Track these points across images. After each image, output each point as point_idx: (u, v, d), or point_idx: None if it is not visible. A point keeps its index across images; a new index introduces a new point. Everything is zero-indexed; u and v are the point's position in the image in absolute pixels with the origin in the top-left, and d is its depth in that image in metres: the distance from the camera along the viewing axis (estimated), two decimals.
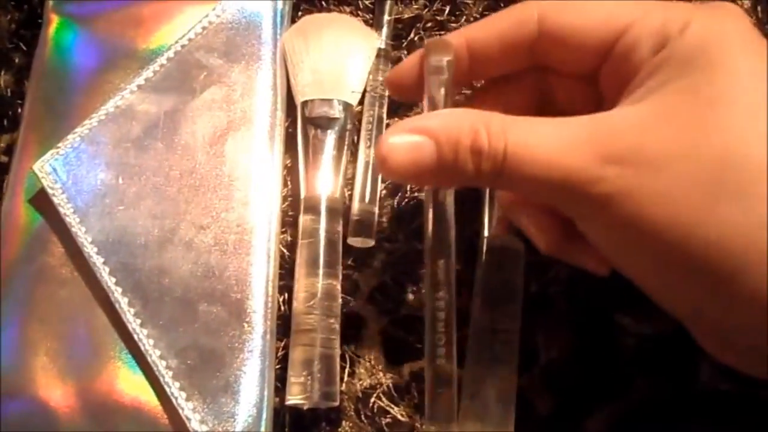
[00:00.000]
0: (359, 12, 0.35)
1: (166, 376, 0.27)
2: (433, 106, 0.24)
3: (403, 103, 0.33)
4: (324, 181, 0.31)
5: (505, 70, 0.26)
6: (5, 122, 0.35)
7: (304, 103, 0.32)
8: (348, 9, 0.35)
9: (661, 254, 0.20)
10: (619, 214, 0.20)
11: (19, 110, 0.34)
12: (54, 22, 0.35)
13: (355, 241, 0.31)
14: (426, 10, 0.34)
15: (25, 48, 0.36)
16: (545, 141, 0.20)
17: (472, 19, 0.34)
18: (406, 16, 0.34)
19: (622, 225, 0.20)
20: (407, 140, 0.21)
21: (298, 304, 0.29)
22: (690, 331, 0.23)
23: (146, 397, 0.28)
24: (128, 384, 0.28)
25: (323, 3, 0.35)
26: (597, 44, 0.23)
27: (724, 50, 0.20)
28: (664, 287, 0.22)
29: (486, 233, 0.29)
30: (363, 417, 0.29)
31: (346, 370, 0.29)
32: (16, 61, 0.36)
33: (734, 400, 0.27)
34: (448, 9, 0.34)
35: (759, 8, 0.33)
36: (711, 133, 0.19)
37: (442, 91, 0.24)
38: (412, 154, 0.21)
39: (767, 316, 0.19)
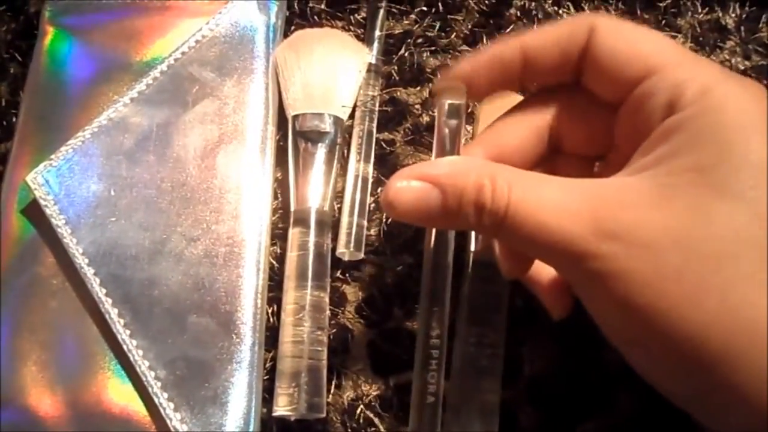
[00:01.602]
0: (351, 27, 0.35)
1: (155, 387, 0.28)
2: (442, 148, 0.25)
3: (393, 117, 0.33)
4: (314, 194, 0.31)
5: (555, 78, 0.25)
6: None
7: (295, 117, 0.32)
8: (340, 24, 0.35)
9: (648, 339, 0.20)
10: (610, 293, 0.20)
11: (14, 120, 0.35)
12: (49, 33, 0.35)
13: (344, 254, 0.31)
14: (417, 25, 0.35)
15: (20, 59, 0.37)
16: (547, 204, 0.20)
17: (462, 35, 0.34)
18: (396, 31, 0.35)
19: (613, 304, 0.20)
20: (414, 186, 0.22)
21: (286, 316, 0.29)
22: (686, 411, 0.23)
23: (135, 407, 0.28)
24: (117, 394, 0.28)
25: (315, 18, 0.36)
26: (622, 80, 0.22)
27: (738, 131, 0.20)
28: (651, 370, 0.22)
29: (473, 247, 0.30)
30: (349, 428, 0.29)
31: (333, 382, 0.30)
32: (11, 71, 0.37)
33: None
34: (438, 25, 0.35)
35: (742, 28, 0.33)
36: (710, 224, 0.19)
37: (447, 134, 0.25)
38: (418, 200, 0.21)
39: (750, 408, 0.19)
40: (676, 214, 0.19)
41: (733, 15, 0.34)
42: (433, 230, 0.25)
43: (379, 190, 0.32)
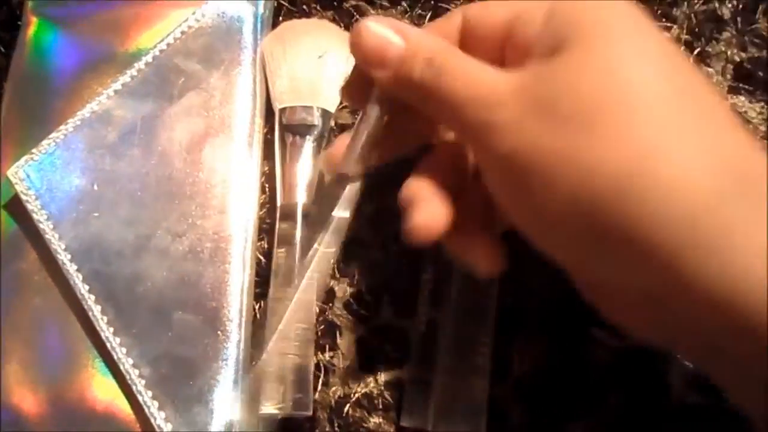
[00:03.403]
0: (340, 17, 0.34)
1: (139, 385, 0.27)
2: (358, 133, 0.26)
3: None
4: (301, 188, 0.30)
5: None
6: None
7: (282, 110, 0.31)
8: (329, 13, 0.35)
9: (533, 189, 0.21)
10: (507, 142, 0.21)
11: None
12: (33, 23, 0.35)
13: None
14: (406, 15, 0.34)
15: (3, 50, 0.36)
16: (477, 71, 0.23)
17: None
18: None
19: (508, 155, 0.21)
20: (384, 31, 0.24)
21: (272, 313, 0.29)
22: (578, 286, 0.23)
23: (119, 405, 0.28)
24: (101, 392, 0.28)
25: (305, 8, 0.35)
26: (497, 33, 0.24)
27: (606, 12, 0.22)
28: (540, 231, 0.22)
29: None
30: (337, 426, 0.29)
31: (321, 379, 0.29)
32: None
33: (704, 413, 0.27)
34: (429, 15, 0.34)
35: (738, 19, 0.32)
36: (592, 75, 0.21)
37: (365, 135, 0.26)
38: (383, 43, 0.24)
39: (628, 250, 0.20)
40: (569, 74, 0.21)
41: (730, 6, 0.33)
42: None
43: None
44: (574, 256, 0.22)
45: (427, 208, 0.24)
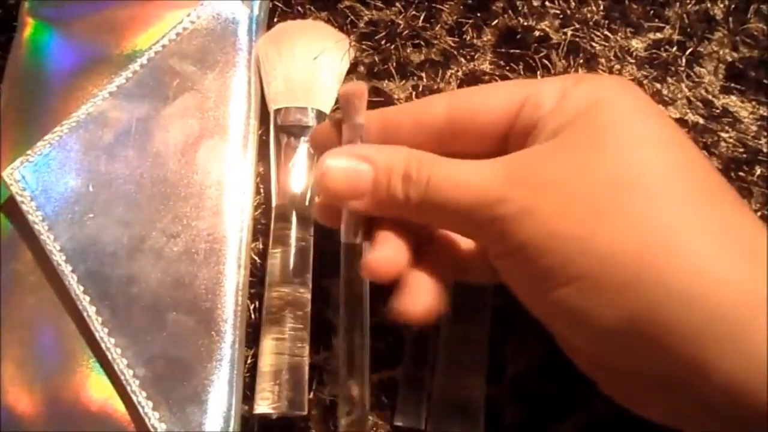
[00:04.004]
0: (335, 18, 0.35)
1: (134, 385, 0.27)
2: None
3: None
4: (296, 189, 0.31)
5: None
6: None
7: (277, 111, 0.32)
8: (324, 14, 0.35)
9: (552, 273, 0.21)
10: (521, 233, 0.21)
11: None
12: (29, 25, 0.35)
13: None
14: (401, 16, 0.34)
15: None
16: (464, 170, 0.23)
17: (446, 27, 0.34)
18: (380, 21, 0.34)
19: (524, 244, 0.21)
20: (346, 163, 0.24)
21: (268, 313, 0.29)
22: (586, 371, 0.23)
23: (113, 405, 0.28)
24: (96, 392, 0.28)
25: (299, 9, 0.35)
26: (502, 117, 0.24)
27: (611, 96, 0.22)
28: (561, 315, 0.22)
29: None
30: (331, 425, 0.29)
31: (315, 379, 0.29)
32: None
33: None
34: (423, 15, 0.34)
35: (730, 19, 0.33)
36: (603, 158, 0.21)
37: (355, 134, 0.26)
38: (351, 175, 0.23)
39: (641, 330, 0.20)
40: (578, 153, 0.21)
41: (722, 6, 0.33)
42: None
43: None
44: (589, 343, 0.22)
45: (382, 249, 0.24)
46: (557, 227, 0.21)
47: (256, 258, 0.31)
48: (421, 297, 0.24)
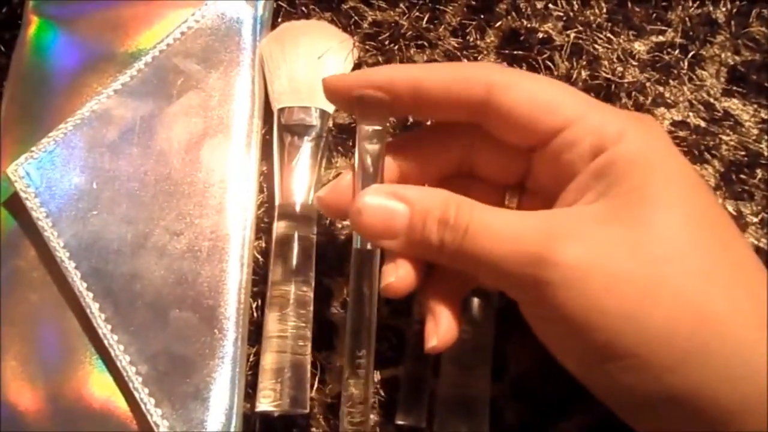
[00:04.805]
0: (338, 18, 0.35)
1: (136, 382, 0.27)
2: (364, 171, 0.25)
3: None
4: (299, 188, 0.31)
5: (445, 118, 0.27)
6: None
7: (281, 110, 0.32)
8: (328, 15, 0.35)
9: (596, 344, 0.21)
10: (567, 305, 0.21)
11: None
12: (34, 23, 0.35)
13: None
14: (405, 17, 0.34)
15: (3, 49, 0.36)
16: (505, 222, 0.22)
17: (450, 28, 0.34)
18: (384, 23, 0.34)
19: (568, 317, 0.21)
20: (383, 203, 0.23)
21: (270, 311, 0.29)
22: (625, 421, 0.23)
23: (116, 402, 0.28)
24: (98, 389, 0.28)
25: (303, 9, 0.35)
26: (537, 132, 0.24)
27: (657, 158, 0.23)
28: (597, 378, 0.23)
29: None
30: (333, 424, 0.29)
31: (317, 378, 0.29)
32: None
33: None
34: (426, 16, 0.34)
35: (732, 23, 0.33)
36: (653, 229, 0.21)
37: (369, 159, 0.25)
38: (386, 215, 0.23)
39: (690, 407, 0.21)
40: (624, 227, 0.21)
41: (724, 9, 0.33)
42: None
43: None
44: (627, 410, 0.23)
45: (395, 270, 0.24)
46: (607, 303, 0.21)
47: (259, 256, 0.31)
48: (443, 322, 0.25)
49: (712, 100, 0.32)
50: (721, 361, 0.20)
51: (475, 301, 0.28)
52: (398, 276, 0.24)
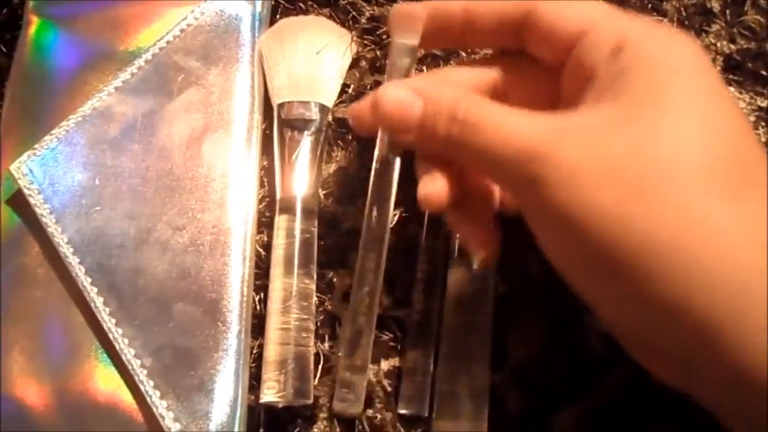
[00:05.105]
0: (336, 14, 0.35)
1: (141, 375, 0.28)
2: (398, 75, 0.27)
3: None
4: (300, 181, 0.31)
5: (494, 42, 0.28)
6: None
7: (281, 105, 0.32)
8: (326, 11, 0.35)
9: (587, 244, 0.21)
10: (563, 201, 0.21)
11: None
12: (34, 23, 0.35)
13: None
14: None
15: (4, 50, 0.36)
16: (511, 118, 0.23)
17: None
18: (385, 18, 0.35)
19: (553, 210, 0.21)
20: (401, 94, 0.25)
21: (273, 304, 0.29)
22: (615, 337, 0.23)
23: (121, 395, 0.28)
24: (104, 382, 0.28)
25: (301, 5, 0.35)
26: (563, 39, 0.24)
27: (682, 66, 0.22)
28: (588, 285, 0.22)
29: (458, 236, 0.30)
30: (336, 413, 0.29)
31: (320, 368, 0.30)
32: None
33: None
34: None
35: (727, 12, 0.33)
36: (663, 136, 0.21)
37: (398, 74, 0.27)
38: (402, 104, 0.25)
39: (676, 319, 0.20)
40: (634, 130, 0.21)
41: None
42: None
43: None
44: (614, 311, 0.22)
45: (433, 182, 0.25)
46: (601, 202, 0.20)
47: (261, 250, 0.31)
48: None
49: None
50: (709, 275, 0.19)
51: (472, 283, 0.29)
52: (436, 187, 0.25)
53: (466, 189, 0.26)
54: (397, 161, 0.27)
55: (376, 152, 0.28)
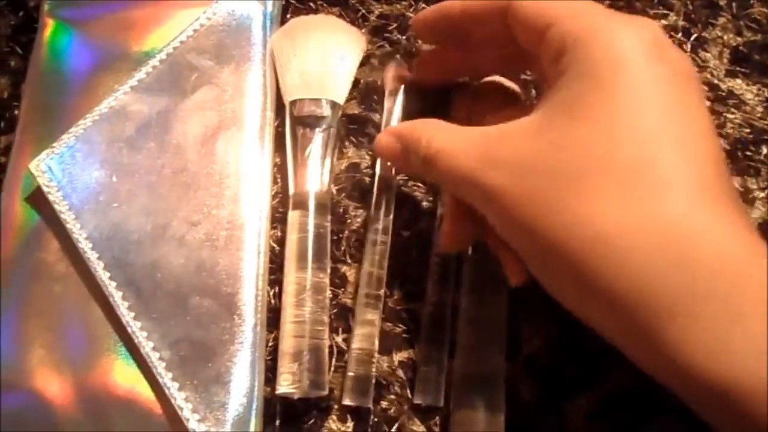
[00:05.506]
0: (346, 12, 0.36)
1: (159, 367, 0.28)
2: (388, 117, 0.33)
3: None
4: (312, 177, 0.31)
5: (492, 37, 0.29)
6: (2, 124, 0.36)
7: (293, 103, 0.32)
8: (335, 10, 0.36)
9: (536, 247, 0.23)
10: (499, 208, 0.24)
11: (16, 113, 0.35)
12: (49, 25, 0.36)
13: None
14: (411, 9, 0.35)
15: (21, 52, 0.37)
16: (456, 147, 0.26)
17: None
18: (391, 14, 0.35)
19: (503, 217, 0.24)
20: (388, 137, 0.30)
21: (288, 297, 0.30)
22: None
23: (140, 388, 0.29)
24: (123, 375, 0.29)
25: (311, 4, 0.36)
26: (529, 32, 0.25)
27: (608, 65, 0.22)
28: (547, 281, 0.24)
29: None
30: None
31: (335, 360, 0.30)
32: (12, 64, 0.37)
33: None
34: None
35: (734, 4, 0.33)
36: (568, 147, 0.22)
37: (397, 109, 0.33)
38: (390, 145, 0.30)
39: (614, 310, 0.21)
40: (547, 142, 0.23)
41: None
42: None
43: None
44: (609, 332, 0.23)
45: (454, 226, 0.29)
46: (519, 214, 0.23)
47: (275, 245, 0.32)
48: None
49: (716, 80, 0.33)
50: (613, 271, 0.20)
51: (487, 274, 0.29)
52: (454, 232, 0.29)
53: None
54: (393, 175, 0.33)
55: (378, 170, 0.32)
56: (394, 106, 0.33)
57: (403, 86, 0.33)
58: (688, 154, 0.21)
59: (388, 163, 0.32)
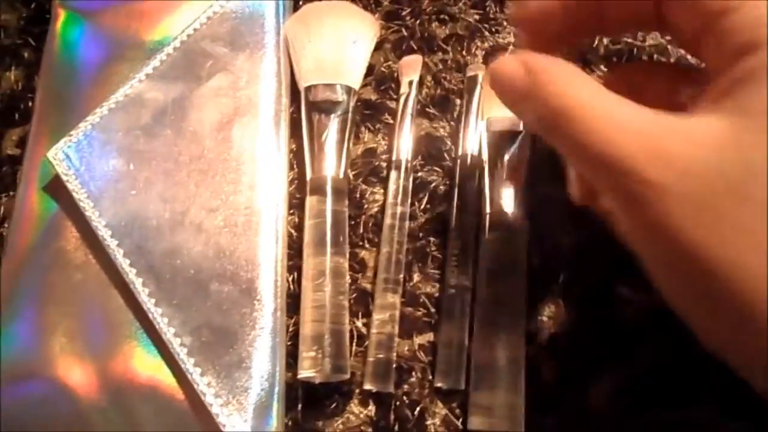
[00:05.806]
0: None
1: (181, 353, 0.28)
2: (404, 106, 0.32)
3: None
4: (329, 162, 0.31)
5: (624, 14, 0.24)
6: (16, 116, 0.36)
7: (308, 89, 0.32)
8: None
9: (685, 265, 0.19)
10: (646, 205, 0.19)
11: (30, 104, 0.35)
12: (61, 16, 0.36)
13: None
14: None
15: (34, 43, 0.37)
16: (614, 116, 0.20)
17: (470, 2, 0.35)
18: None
19: (647, 216, 0.20)
20: (512, 65, 0.23)
21: (307, 282, 0.30)
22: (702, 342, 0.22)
23: (162, 374, 0.29)
24: (144, 362, 0.29)
25: None
26: (697, 14, 0.21)
27: None
28: (680, 297, 0.21)
29: (488, 210, 0.30)
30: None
31: (355, 344, 0.30)
32: (26, 56, 0.37)
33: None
34: None
35: None
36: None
37: (411, 105, 0.33)
38: (513, 74, 0.23)
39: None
40: (739, 160, 0.19)
41: None
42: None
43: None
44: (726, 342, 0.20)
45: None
46: (685, 230, 0.19)
47: (293, 231, 0.32)
48: None
49: None
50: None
51: (505, 256, 0.29)
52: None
53: None
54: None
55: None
56: (410, 94, 0.33)
57: (418, 74, 0.32)
58: None
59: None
